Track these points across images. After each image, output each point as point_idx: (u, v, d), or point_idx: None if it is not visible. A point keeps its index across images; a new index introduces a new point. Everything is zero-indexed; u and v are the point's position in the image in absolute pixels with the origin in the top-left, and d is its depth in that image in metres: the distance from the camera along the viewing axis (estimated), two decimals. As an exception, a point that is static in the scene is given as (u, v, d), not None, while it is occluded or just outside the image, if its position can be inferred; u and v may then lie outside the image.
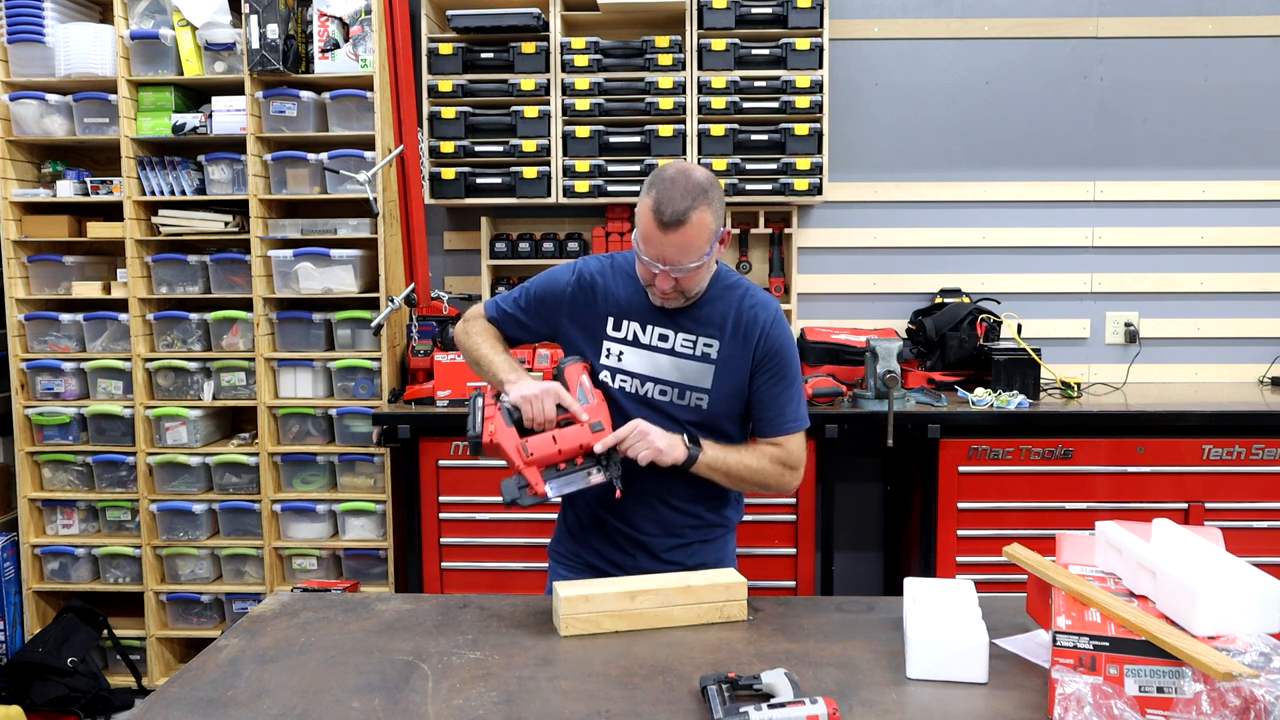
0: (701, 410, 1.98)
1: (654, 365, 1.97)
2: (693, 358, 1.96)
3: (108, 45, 3.50)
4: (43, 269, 3.65)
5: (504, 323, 2.10)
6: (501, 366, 2.01)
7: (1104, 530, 1.64)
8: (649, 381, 1.97)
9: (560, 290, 2.03)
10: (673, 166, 1.86)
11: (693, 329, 1.96)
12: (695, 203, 1.80)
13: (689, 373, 1.96)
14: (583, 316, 2.02)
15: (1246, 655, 1.34)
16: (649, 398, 1.98)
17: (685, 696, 1.52)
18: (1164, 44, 3.71)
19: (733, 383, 1.97)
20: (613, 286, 2.00)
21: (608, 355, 1.99)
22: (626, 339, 1.98)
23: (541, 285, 2.07)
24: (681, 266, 1.84)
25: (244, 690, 1.56)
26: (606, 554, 2.06)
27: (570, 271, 2.04)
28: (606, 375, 1.99)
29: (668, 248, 1.82)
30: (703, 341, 1.96)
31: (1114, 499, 3.14)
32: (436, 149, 3.56)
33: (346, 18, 3.48)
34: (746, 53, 3.49)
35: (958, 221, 3.78)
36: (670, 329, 1.96)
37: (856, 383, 3.32)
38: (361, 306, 3.59)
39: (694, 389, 1.97)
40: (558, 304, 2.04)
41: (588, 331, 2.01)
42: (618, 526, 2.04)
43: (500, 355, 2.04)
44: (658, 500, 2.01)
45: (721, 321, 1.96)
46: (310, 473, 3.61)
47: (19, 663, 3.43)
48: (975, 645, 1.55)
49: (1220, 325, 3.78)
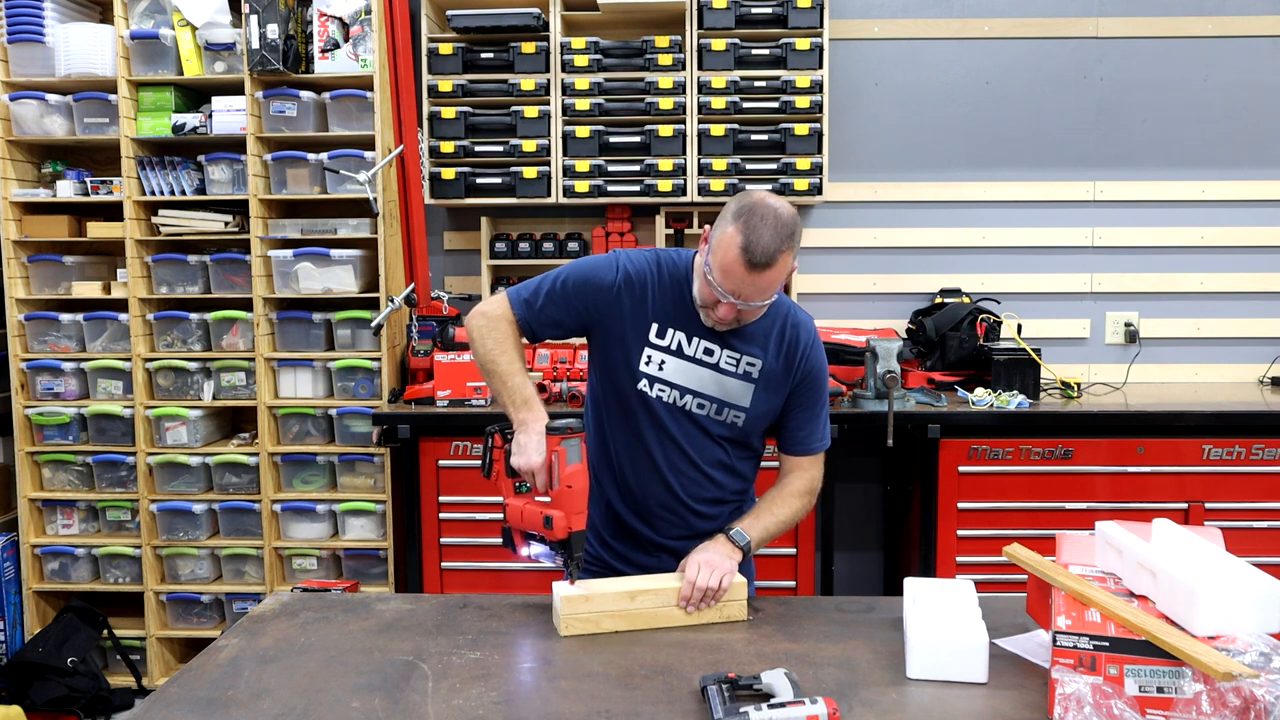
0: (736, 427, 1.97)
1: (696, 378, 1.94)
2: (735, 375, 1.95)
3: (108, 45, 3.50)
4: (43, 269, 3.65)
5: (535, 323, 1.94)
6: (515, 396, 1.86)
7: (1104, 530, 1.64)
8: (689, 394, 1.94)
9: (605, 285, 1.92)
10: (761, 200, 1.79)
11: (737, 346, 1.94)
12: (784, 245, 1.77)
13: (730, 390, 1.95)
14: (625, 316, 1.93)
15: (1246, 655, 1.34)
16: (686, 410, 1.95)
17: (685, 696, 1.52)
18: (1164, 44, 3.71)
19: (770, 402, 1.97)
20: (659, 291, 1.93)
21: (648, 362, 1.94)
22: (670, 348, 1.94)
23: (580, 276, 1.94)
24: (753, 303, 1.82)
25: (244, 690, 1.55)
26: (633, 559, 2.05)
27: (614, 267, 1.94)
28: (645, 383, 1.94)
29: (748, 286, 1.78)
30: (746, 360, 1.94)
31: (1114, 499, 3.14)
32: (436, 149, 3.56)
33: (346, 18, 3.48)
34: (746, 53, 3.49)
35: (958, 221, 3.78)
36: (716, 344, 1.93)
37: (856, 383, 3.32)
38: (361, 306, 3.59)
39: (733, 406, 1.96)
40: (599, 298, 1.93)
41: (630, 332, 1.93)
42: (646, 534, 2.03)
43: (518, 377, 1.88)
44: (686, 510, 2.01)
45: (764, 340, 1.95)
46: (310, 473, 3.61)
47: (19, 663, 3.43)
48: (975, 645, 1.55)
49: (1220, 325, 3.78)
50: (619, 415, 1.99)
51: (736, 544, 1.90)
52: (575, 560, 1.81)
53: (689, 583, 1.80)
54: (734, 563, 1.86)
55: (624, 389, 1.96)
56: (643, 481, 2.00)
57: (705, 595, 1.80)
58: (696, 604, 1.80)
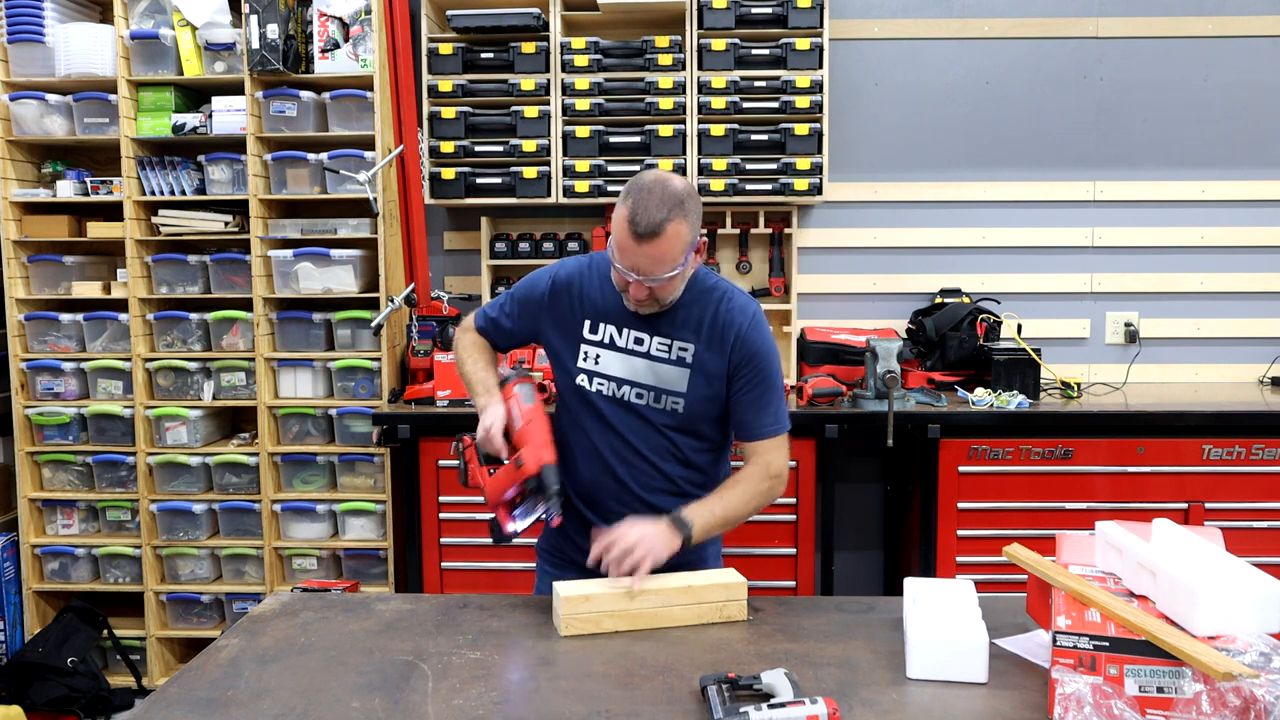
0: (678, 414, 1.98)
1: (630, 369, 1.97)
2: (668, 361, 1.96)
3: (108, 45, 3.50)
4: (43, 269, 3.65)
5: (490, 332, 2.13)
6: (477, 388, 2.05)
7: (1104, 530, 1.65)
8: (625, 385, 1.98)
9: (539, 294, 2.04)
10: (650, 174, 1.84)
11: (668, 332, 1.96)
12: (671, 214, 1.79)
13: (665, 376, 1.97)
14: (560, 319, 2.02)
15: (1246, 655, 1.34)
16: (626, 401, 1.98)
17: (685, 696, 1.52)
18: (1164, 44, 3.71)
19: (708, 386, 1.97)
20: (589, 289, 2.01)
21: (584, 358, 2.00)
22: (603, 341, 1.99)
23: (522, 290, 2.09)
24: (655, 277, 1.83)
25: (244, 690, 1.56)
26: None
27: (548, 276, 2.05)
28: (584, 378, 2.00)
29: (641, 259, 1.81)
30: (678, 345, 1.96)
31: (1114, 499, 3.14)
32: (436, 149, 3.56)
33: (346, 18, 3.48)
34: (746, 53, 3.49)
35: (958, 221, 3.78)
36: (646, 332, 1.97)
37: (856, 383, 3.32)
38: (361, 306, 3.59)
39: (669, 393, 1.97)
40: (537, 308, 2.05)
41: (565, 334, 2.02)
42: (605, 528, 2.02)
43: (479, 373, 2.07)
44: (638, 501, 2.01)
45: (697, 325, 1.96)
46: (310, 473, 3.61)
47: (19, 663, 3.43)
48: (975, 645, 1.55)
49: (1220, 325, 3.78)
50: (567, 414, 2.06)
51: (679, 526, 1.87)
52: (553, 495, 1.81)
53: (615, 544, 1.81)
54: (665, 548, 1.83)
55: (566, 387, 2.05)
56: (594, 475, 2.03)
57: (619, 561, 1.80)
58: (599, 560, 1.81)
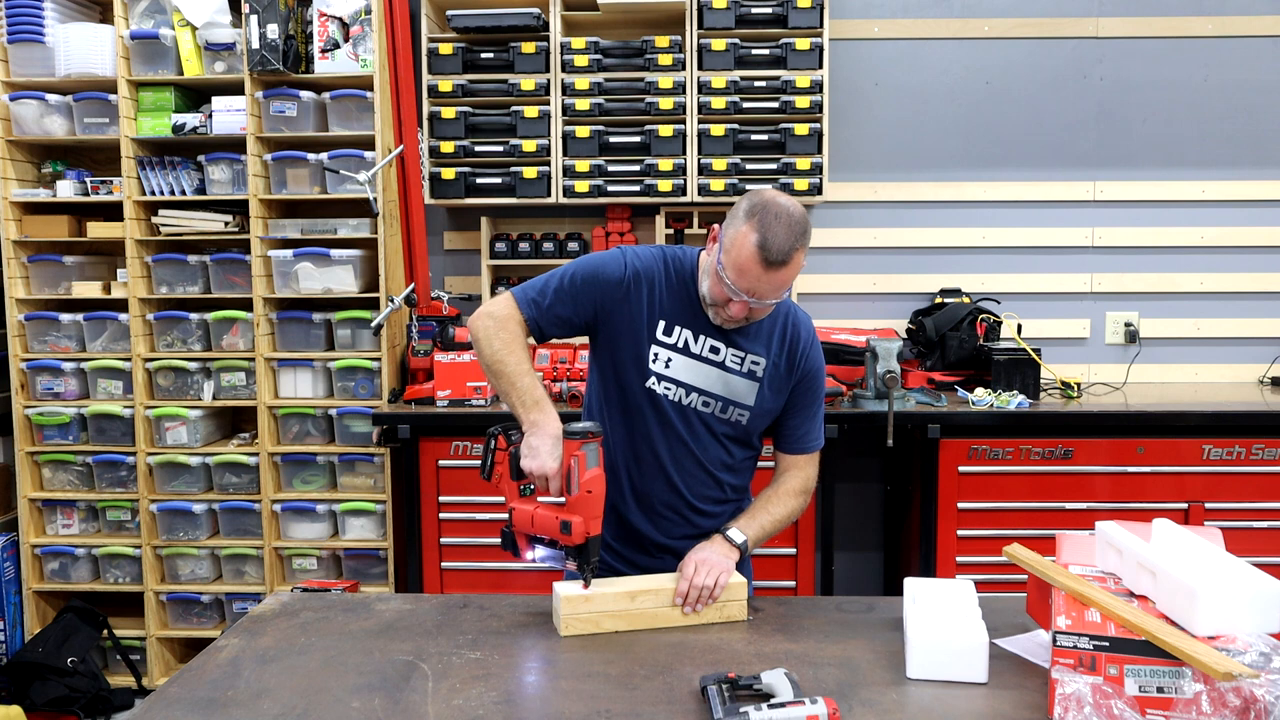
0: (740, 425, 1.99)
1: (703, 377, 1.95)
2: (740, 373, 1.96)
3: (108, 45, 3.50)
4: (43, 269, 3.65)
5: (543, 321, 1.92)
6: (525, 396, 1.84)
7: (1104, 530, 1.64)
8: (694, 392, 1.95)
9: (614, 280, 1.91)
10: (773, 198, 1.79)
11: (742, 344, 1.95)
12: (798, 243, 1.78)
13: (735, 388, 1.96)
14: (631, 312, 1.92)
15: (1246, 655, 1.34)
16: (692, 408, 1.96)
17: (685, 696, 1.52)
18: (1164, 44, 3.71)
19: (773, 400, 1.99)
20: (666, 288, 1.93)
21: (655, 360, 1.93)
22: (677, 345, 1.94)
23: (588, 272, 1.92)
24: (766, 301, 1.83)
25: (244, 690, 1.55)
26: (636, 560, 2.05)
27: (621, 263, 1.93)
28: (653, 381, 1.94)
29: (764, 284, 1.79)
30: (750, 358, 1.96)
31: (1114, 499, 3.14)
32: (436, 149, 3.55)
33: (346, 18, 3.48)
34: (746, 53, 3.49)
35: (958, 221, 3.78)
36: (722, 342, 1.94)
37: (856, 383, 3.32)
38: (361, 306, 3.59)
39: (737, 405, 1.97)
40: (607, 294, 1.91)
41: (634, 329, 1.93)
42: (650, 534, 2.03)
43: (527, 378, 1.86)
44: (690, 509, 2.02)
45: (768, 339, 1.96)
46: (310, 473, 3.61)
47: (19, 663, 3.43)
48: (975, 645, 1.55)
49: (1220, 325, 3.78)
50: (623, 414, 1.98)
51: (733, 543, 1.91)
52: (591, 565, 1.80)
53: (686, 580, 1.81)
54: (731, 562, 1.87)
55: (630, 386, 1.95)
56: (648, 481, 2.00)
57: (702, 594, 1.81)
58: (694, 603, 1.81)
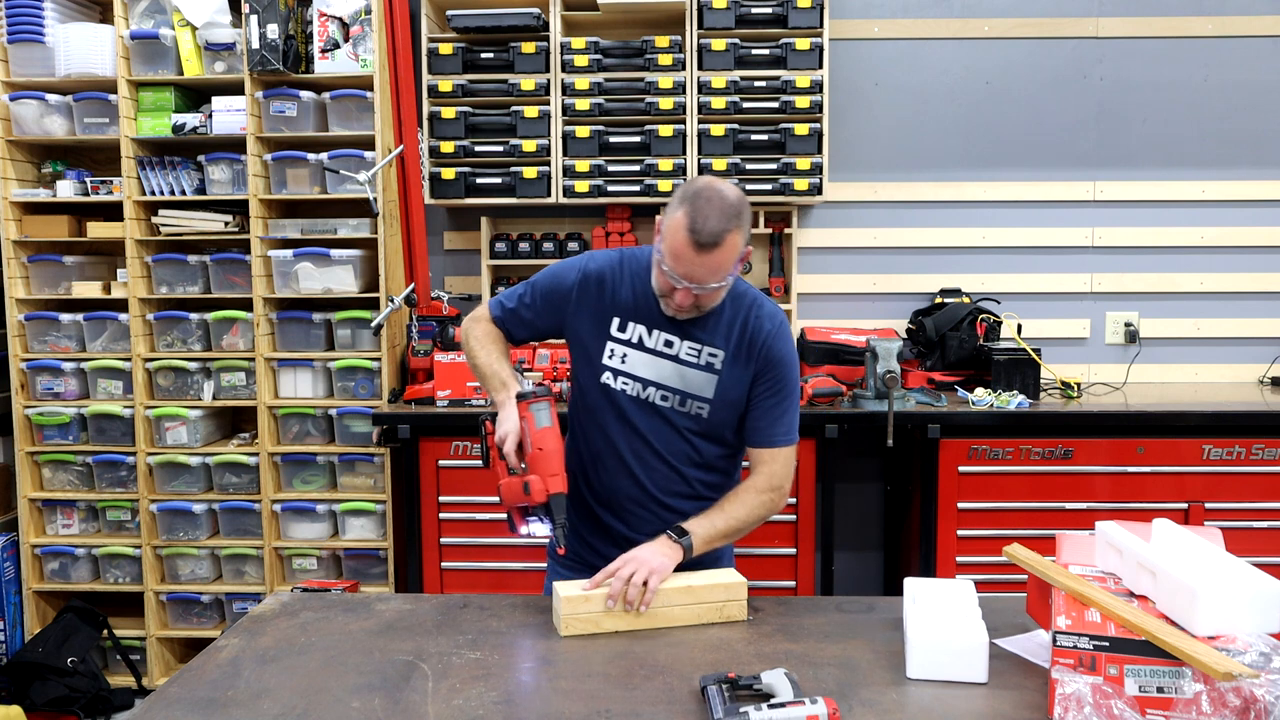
0: (702, 419, 1.98)
1: (658, 370, 1.97)
2: (697, 366, 1.96)
3: (108, 45, 3.50)
4: (43, 269, 3.65)
5: (508, 323, 2.07)
6: (494, 381, 1.98)
7: (1104, 530, 1.64)
8: (651, 386, 1.97)
9: (566, 287, 2.00)
10: (706, 184, 1.82)
11: (699, 337, 1.96)
12: (730, 225, 1.79)
13: (692, 381, 1.96)
14: (588, 314, 1.99)
15: (1246, 655, 1.34)
16: (651, 402, 1.98)
17: (685, 696, 1.52)
18: (1164, 44, 3.71)
19: (733, 392, 1.97)
20: (620, 286, 1.98)
21: (610, 356, 1.98)
22: (631, 341, 1.97)
23: (547, 281, 2.03)
24: (706, 286, 1.83)
25: (244, 690, 1.55)
26: (609, 554, 2.05)
27: (576, 268, 2.01)
28: (609, 376, 1.98)
29: (698, 268, 1.80)
30: (708, 351, 1.96)
31: (1114, 499, 3.14)
32: (436, 149, 3.56)
33: (346, 18, 3.48)
34: (746, 53, 3.49)
35: (958, 221, 3.78)
36: (676, 335, 1.96)
37: (856, 383, 3.32)
38: (361, 306, 3.59)
39: (696, 397, 1.97)
40: (563, 300, 2.01)
41: (592, 329, 1.99)
42: (619, 529, 2.04)
43: (496, 365, 2.00)
44: (658, 504, 2.02)
45: (727, 332, 1.96)
46: (310, 473, 3.61)
47: (19, 663, 3.43)
48: (975, 645, 1.55)
49: (1220, 325, 3.78)
50: (587, 412, 2.04)
51: (676, 540, 1.88)
52: (560, 524, 1.82)
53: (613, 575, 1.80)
54: (669, 560, 1.84)
55: (589, 384, 2.02)
56: (612, 476, 2.02)
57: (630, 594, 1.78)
58: (620, 599, 1.78)
